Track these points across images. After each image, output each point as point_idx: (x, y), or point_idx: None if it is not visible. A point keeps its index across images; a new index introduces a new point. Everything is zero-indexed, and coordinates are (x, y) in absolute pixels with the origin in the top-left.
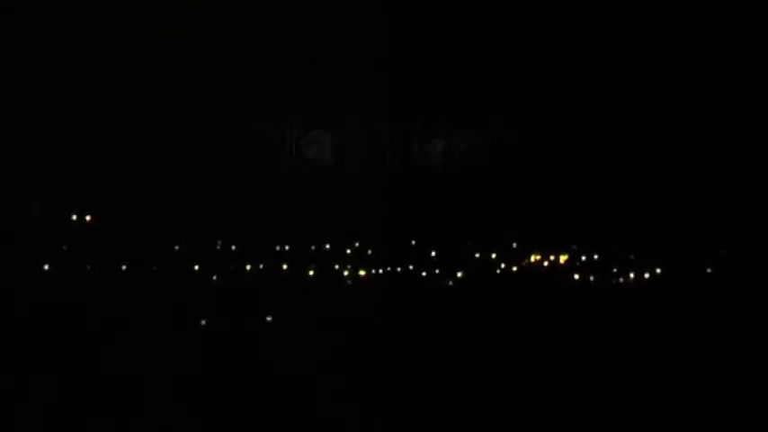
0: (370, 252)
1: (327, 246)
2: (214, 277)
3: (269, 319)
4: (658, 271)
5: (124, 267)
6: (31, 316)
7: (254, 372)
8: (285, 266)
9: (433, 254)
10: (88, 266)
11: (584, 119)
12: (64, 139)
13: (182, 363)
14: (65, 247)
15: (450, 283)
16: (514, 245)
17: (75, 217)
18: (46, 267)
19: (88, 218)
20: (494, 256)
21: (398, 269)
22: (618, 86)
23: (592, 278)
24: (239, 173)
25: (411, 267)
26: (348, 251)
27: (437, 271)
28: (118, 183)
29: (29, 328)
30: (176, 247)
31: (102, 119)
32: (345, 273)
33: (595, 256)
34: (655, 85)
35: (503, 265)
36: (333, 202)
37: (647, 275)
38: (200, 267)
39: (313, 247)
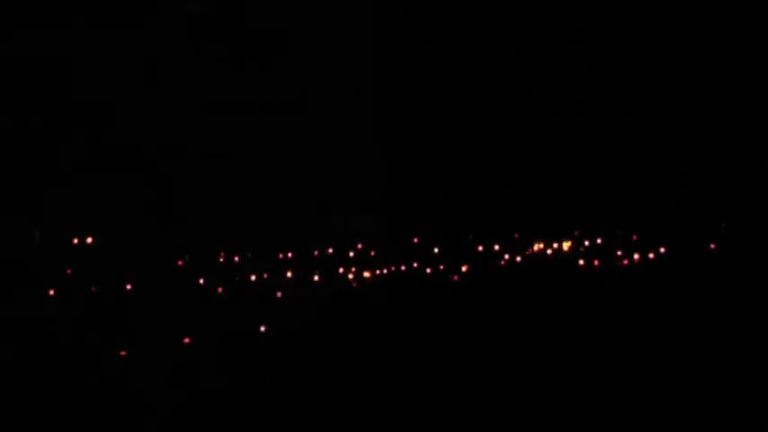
0: (372, 253)
1: (330, 250)
2: (219, 289)
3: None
4: (662, 250)
5: (129, 287)
6: (38, 340)
7: (264, 380)
8: (289, 274)
9: (436, 250)
10: (93, 288)
11: (577, 102)
12: (59, 164)
13: (193, 376)
14: (69, 271)
15: (456, 278)
16: (516, 235)
17: (76, 240)
18: (51, 293)
19: (89, 240)
20: (497, 247)
21: (402, 268)
22: (609, 72)
23: (596, 263)
24: (237, 181)
25: (415, 265)
26: (351, 253)
27: (441, 267)
28: (115, 202)
29: (35, 350)
30: (179, 263)
31: (98, 137)
32: (350, 275)
33: (598, 240)
34: (645, 72)
35: (506, 257)
36: (331, 204)
37: (651, 255)
38: (205, 280)
39: (316, 252)
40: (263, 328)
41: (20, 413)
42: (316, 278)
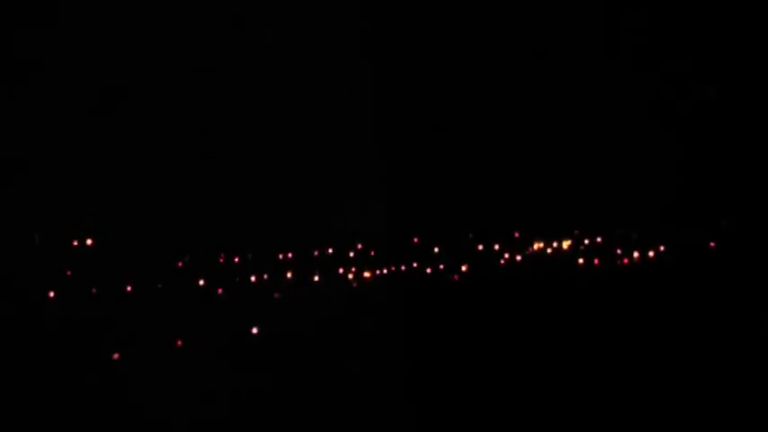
0: (372, 253)
1: (330, 250)
2: (219, 290)
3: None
4: (662, 249)
5: (129, 288)
6: (38, 341)
7: (264, 380)
8: (290, 274)
9: (436, 250)
10: (93, 289)
11: (577, 101)
12: (59, 165)
13: (193, 377)
14: (69, 273)
15: (456, 278)
16: (516, 234)
17: (76, 242)
18: (51, 294)
19: (89, 241)
20: (497, 247)
21: (402, 268)
22: (609, 71)
23: (596, 261)
24: (236, 181)
25: (415, 265)
26: (351, 254)
27: (441, 267)
28: (115, 204)
29: (35, 351)
30: (179, 264)
31: (96, 138)
32: (350, 275)
33: (598, 239)
34: (644, 69)
35: (506, 256)
36: (331, 204)
37: (651, 254)
38: (205, 282)
39: (316, 253)
40: (255, 330)
41: (20, 414)
42: (316, 278)
